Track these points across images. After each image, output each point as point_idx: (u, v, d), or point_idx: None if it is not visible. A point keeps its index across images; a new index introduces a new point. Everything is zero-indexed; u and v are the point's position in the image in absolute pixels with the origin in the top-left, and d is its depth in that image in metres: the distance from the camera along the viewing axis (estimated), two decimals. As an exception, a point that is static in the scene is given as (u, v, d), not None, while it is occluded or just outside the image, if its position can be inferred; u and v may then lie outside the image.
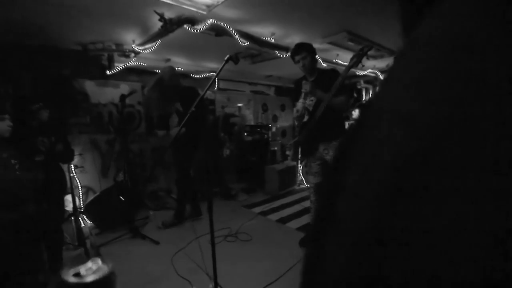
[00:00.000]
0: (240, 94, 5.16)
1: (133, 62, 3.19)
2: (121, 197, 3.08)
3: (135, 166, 3.75)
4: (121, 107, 2.77)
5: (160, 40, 2.40)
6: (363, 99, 5.38)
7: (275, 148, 4.76)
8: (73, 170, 2.94)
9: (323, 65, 3.63)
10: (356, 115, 5.16)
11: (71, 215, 2.84)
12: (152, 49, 2.61)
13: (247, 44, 2.54)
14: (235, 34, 2.33)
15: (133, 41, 2.78)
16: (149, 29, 2.48)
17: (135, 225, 2.90)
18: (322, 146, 2.26)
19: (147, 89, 2.74)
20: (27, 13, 2.10)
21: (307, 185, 4.17)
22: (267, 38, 2.70)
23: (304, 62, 2.18)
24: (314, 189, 2.50)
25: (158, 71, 3.95)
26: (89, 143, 3.34)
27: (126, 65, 3.16)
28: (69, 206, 2.94)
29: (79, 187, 3.20)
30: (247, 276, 2.10)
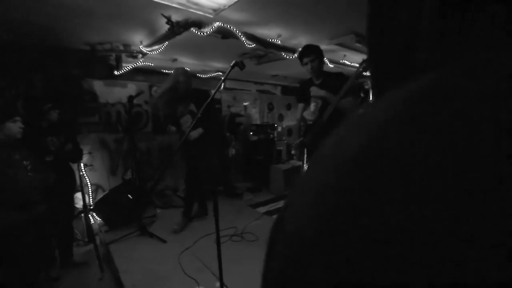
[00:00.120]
0: (246, 94, 5.17)
1: (141, 63, 3.22)
2: (129, 195, 3.15)
3: (143, 165, 3.82)
4: (129, 107, 2.81)
5: (167, 42, 2.43)
6: (370, 99, 5.32)
7: (280, 148, 4.76)
8: (82, 168, 3.01)
9: (330, 66, 3.61)
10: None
11: (81, 212, 2.91)
12: (159, 50, 2.64)
13: (253, 46, 2.54)
14: (242, 36, 2.34)
15: (141, 42, 2.81)
16: (156, 30, 2.51)
17: (143, 223, 2.97)
18: None
19: (160, 90, 2.76)
20: (38, 16, 2.14)
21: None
22: (273, 40, 2.70)
23: (313, 65, 2.18)
24: None
25: (165, 71, 3.99)
26: (98, 142, 3.41)
27: (133, 65, 3.20)
28: (79, 204, 3.02)
29: (89, 185, 3.28)
30: (252, 276, 2.13)
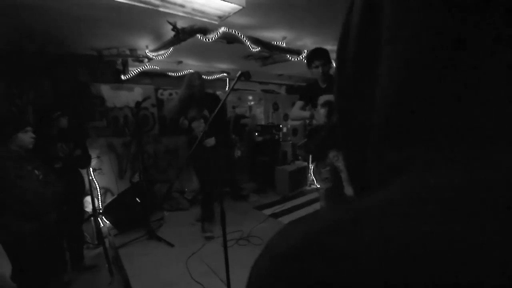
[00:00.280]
0: (251, 94, 5.16)
1: (147, 66, 3.24)
2: (137, 198, 3.19)
3: (150, 167, 3.85)
4: (136, 112, 2.84)
5: (172, 48, 2.43)
6: None
7: (286, 149, 4.75)
8: (91, 173, 3.06)
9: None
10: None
11: (90, 216, 2.95)
12: (164, 55, 2.64)
13: (258, 49, 2.53)
14: (246, 41, 2.33)
15: (147, 47, 2.82)
16: (162, 36, 2.51)
17: (151, 226, 3.00)
18: (333, 153, 2.26)
19: (178, 96, 2.79)
20: (47, 24, 2.17)
21: (318, 186, 4.17)
22: (278, 43, 2.68)
23: (325, 69, 2.16)
24: (325, 195, 2.50)
25: (170, 73, 4.00)
26: (106, 146, 3.45)
27: (139, 69, 3.22)
28: (88, 208, 3.07)
29: (98, 188, 3.33)
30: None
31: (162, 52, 2.57)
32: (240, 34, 2.27)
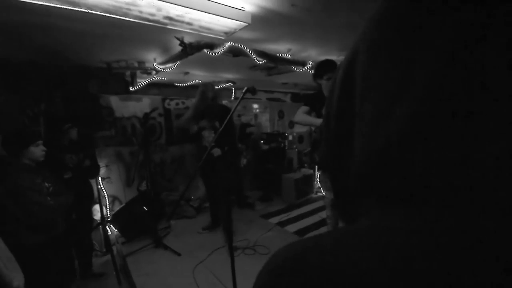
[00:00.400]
0: (256, 102, 5.20)
1: (154, 78, 3.32)
2: (144, 207, 3.23)
3: (156, 176, 3.91)
4: (144, 123, 2.90)
5: (179, 62, 2.50)
6: None
7: (291, 157, 4.76)
8: (100, 182, 3.12)
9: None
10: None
11: (99, 224, 3.01)
12: (172, 68, 2.71)
13: (263, 62, 2.57)
14: (252, 54, 2.38)
15: (154, 60, 2.89)
16: (169, 49, 2.58)
17: (158, 235, 3.04)
18: None
19: (192, 106, 2.86)
20: (58, 40, 2.25)
21: (324, 193, 4.15)
22: (283, 55, 2.72)
23: None
24: (331, 204, 2.50)
25: (177, 84, 4.08)
26: (114, 155, 3.52)
27: (147, 81, 3.30)
28: (97, 216, 3.13)
29: (106, 197, 3.39)
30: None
31: (170, 65, 2.64)
32: (245, 48, 2.32)
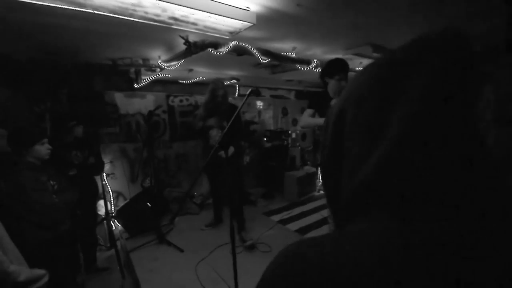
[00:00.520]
0: (260, 99, 5.19)
1: (159, 75, 3.32)
2: (148, 203, 3.27)
3: (160, 172, 3.95)
4: (148, 120, 2.92)
5: (183, 60, 2.50)
6: None
7: (294, 155, 4.76)
8: (105, 178, 3.16)
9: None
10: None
11: (103, 219, 3.05)
12: (176, 66, 2.71)
13: (268, 61, 2.56)
14: (256, 53, 2.37)
15: (159, 57, 2.89)
16: (174, 47, 2.58)
17: (161, 231, 3.08)
18: None
19: (202, 104, 2.91)
20: (63, 38, 2.26)
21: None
22: (288, 53, 2.71)
23: (344, 84, 2.11)
24: None
25: (181, 81, 4.08)
26: (119, 151, 3.55)
27: (152, 78, 3.30)
28: (101, 211, 3.18)
29: (110, 192, 3.43)
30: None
31: (174, 63, 2.64)
32: (250, 47, 2.31)
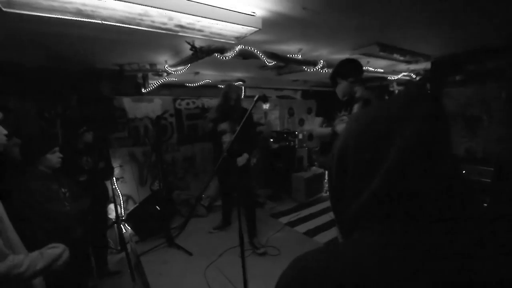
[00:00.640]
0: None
1: (166, 79, 3.35)
2: (157, 206, 3.30)
3: (168, 174, 3.99)
4: (156, 124, 2.95)
5: (190, 64, 2.51)
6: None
7: (302, 155, 4.73)
8: (114, 182, 3.21)
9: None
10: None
11: (114, 223, 3.10)
12: (183, 71, 2.73)
13: (274, 63, 2.55)
14: (262, 56, 2.36)
15: (166, 62, 2.91)
16: (180, 52, 2.59)
17: (171, 234, 3.10)
18: None
19: (214, 106, 2.94)
20: (71, 45, 2.30)
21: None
22: (294, 55, 2.69)
23: (356, 88, 2.05)
24: None
25: (188, 84, 4.10)
26: (128, 155, 3.60)
27: (159, 82, 3.33)
28: (112, 215, 3.22)
29: (120, 196, 3.48)
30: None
31: (181, 68, 2.66)
32: (256, 50, 2.30)
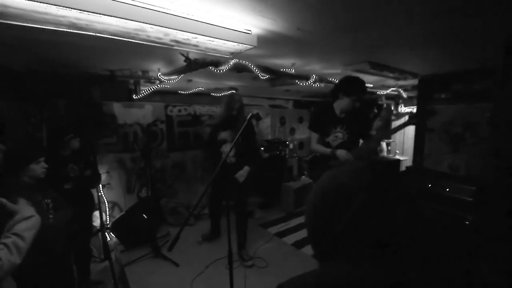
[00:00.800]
0: (258, 109, 5.21)
1: (158, 86, 3.32)
2: (144, 215, 3.24)
3: (157, 181, 3.92)
4: (146, 132, 2.91)
5: (183, 75, 2.50)
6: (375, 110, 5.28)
7: (292, 165, 4.77)
8: (101, 188, 3.13)
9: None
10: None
11: (98, 231, 3.01)
12: (175, 80, 2.71)
13: (267, 77, 2.58)
14: (256, 70, 2.38)
15: (159, 70, 2.89)
16: (174, 62, 2.58)
17: (157, 243, 3.05)
18: None
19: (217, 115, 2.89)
20: (61, 52, 2.25)
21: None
22: (287, 69, 2.73)
23: (357, 105, 2.09)
24: None
25: (180, 91, 4.07)
26: (116, 161, 3.53)
27: (151, 89, 3.30)
28: (96, 222, 3.14)
29: (106, 203, 3.40)
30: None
31: (174, 77, 2.64)
32: (250, 64, 2.32)
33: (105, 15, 1.21)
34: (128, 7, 1.25)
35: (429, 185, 2.54)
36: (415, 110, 4.33)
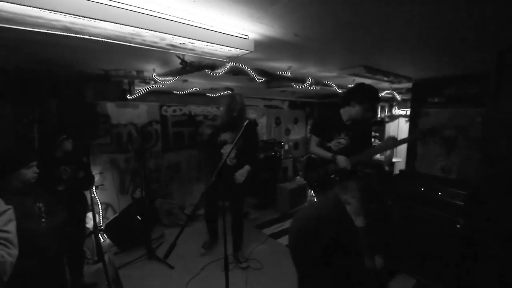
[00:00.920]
0: (254, 109, 5.20)
1: (153, 86, 3.28)
2: (138, 216, 3.22)
3: (151, 182, 3.89)
4: (141, 134, 2.88)
5: (178, 77, 2.48)
6: (378, 116, 5.32)
7: (286, 166, 4.78)
8: (94, 190, 3.09)
9: (339, 91, 3.61)
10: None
11: (91, 232, 2.98)
12: (171, 81, 2.69)
13: (263, 80, 2.57)
14: (252, 73, 2.37)
15: (154, 70, 2.86)
16: (169, 63, 2.55)
17: (151, 245, 3.03)
18: (337, 188, 2.29)
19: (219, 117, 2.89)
20: (54, 52, 2.20)
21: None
22: (283, 73, 2.73)
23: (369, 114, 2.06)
24: None
25: (175, 92, 4.04)
26: (109, 162, 3.48)
27: (146, 89, 3.26)
28: (89, 223, 3.10)
29: (99, 204, 3.36)
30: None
31: (169, 78, 2.62)
32: (246, 67, 2.31)
33: (101, 20, 1.19)
34: (124, 12, 1.23)
35: (422, 189, 2.58)
36: (409, 113, 4.37)
